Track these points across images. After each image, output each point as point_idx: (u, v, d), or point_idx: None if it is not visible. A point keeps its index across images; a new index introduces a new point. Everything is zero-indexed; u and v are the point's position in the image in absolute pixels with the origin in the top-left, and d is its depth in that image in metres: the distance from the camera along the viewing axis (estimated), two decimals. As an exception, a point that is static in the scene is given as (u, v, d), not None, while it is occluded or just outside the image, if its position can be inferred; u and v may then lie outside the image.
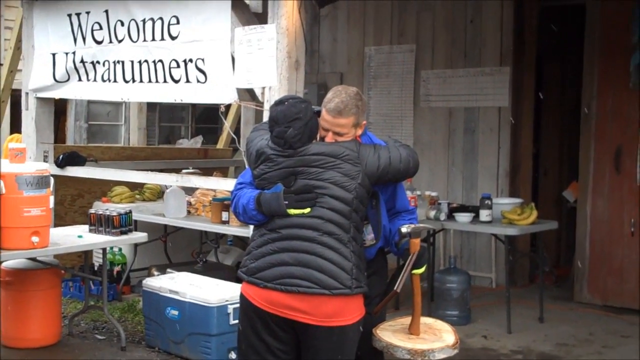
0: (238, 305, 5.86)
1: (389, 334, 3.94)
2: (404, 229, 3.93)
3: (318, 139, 3.92)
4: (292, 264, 3.65)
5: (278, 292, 3.65)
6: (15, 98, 9.38)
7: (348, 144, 3.79)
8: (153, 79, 7.02)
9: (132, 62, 7.16)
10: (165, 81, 6.92)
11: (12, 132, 11.29)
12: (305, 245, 3.66)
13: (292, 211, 3.72)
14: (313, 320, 3.64)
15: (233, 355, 5.93)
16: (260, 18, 6.45)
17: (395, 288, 3.87)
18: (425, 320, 4.10)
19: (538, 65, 9.09)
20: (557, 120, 9.77)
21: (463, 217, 7.30)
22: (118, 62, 7.29)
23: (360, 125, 3.95)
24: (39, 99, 8.03)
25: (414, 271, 3.91)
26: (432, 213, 7.38)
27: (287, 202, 3.73)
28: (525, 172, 8.94)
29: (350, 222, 3.69)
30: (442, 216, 7.35)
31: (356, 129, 3.94)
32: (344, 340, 3.71)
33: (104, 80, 7.43)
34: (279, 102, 3.88)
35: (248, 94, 6.58)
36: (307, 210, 3.70)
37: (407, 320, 4.06)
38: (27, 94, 8.13)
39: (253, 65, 6.27)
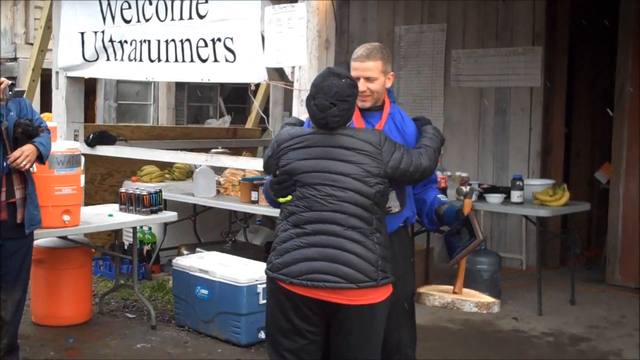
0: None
1: (441, 293, 4.07)
2: (464, 189, 4.24)
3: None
4: (318, 259, 3.61)
5: (304, 288, 3.62)
6: (46, 77, 9.41)
7: (374, 138, 3.71)
8: (180, 58, 7.00)
9: (159, 41, 7.15)
10: (192, 60, 6.90)
11: (42, 112, 11.35)
12: (331, 240, 3.62)
13: (280, 199, 3.77)
14: (343, 299, 3.62)
15: (262, 334, 5.93)
16: (291, -3, 6.42)
17: (480, 237, 3.98)
18: (449, 287, 4.20)
19: (571, 45, 8.97)
20: (590, 101, 9.65)
21: (494, 198, 7.24)
22: (144, 41, 7.28)
23: (388, 75, 4.02)
24: (69, 78, 8.05)
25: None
26: (464, 188, 7.29)
27: (273, 192, 3.80)
28: (557, 153, 8.85)
29: (373, 215, 3.66)
30: (473, 197, 7.27)
31: (385, 77, 4.00)
32: (374, 318, 3.70)
33: (130, 60, 7.43)
34: (336, 74, 3.77)
35: (277, 73, 6.55)
36: (289, 198, 3.72)
37: (442, 287, 4.21)
38: (57, 73, 8.16)
39: (283, 44, 6.24)
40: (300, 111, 6.26)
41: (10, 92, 4.63)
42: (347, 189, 3.62)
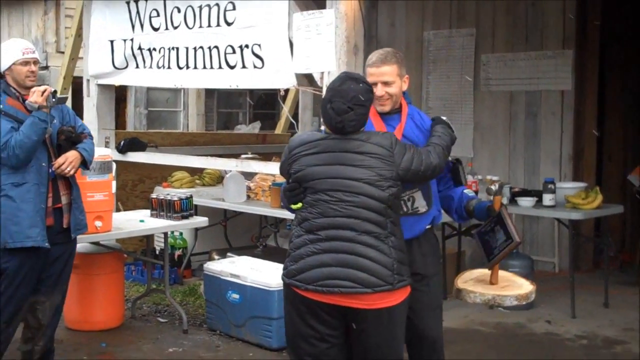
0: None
1: (480, 287, 4.08)
2: (493, 188, 4.31)
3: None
4: (332, 265, 3.60)
5: (320, 294, 3.62)
6: (77, 85, 9.50)
7: (385, 141, 3.71)
8: (208, 65, 7.04)
9: (187, 48, 7.20)
10: (220, 67, 6.94)
11: (74, 119, 11.45)
12: (345, 246, 3.61)
13: (292, 206, 3.81)
14: (360, 304, 3.61)
15: (294, 339, 5.94)
16: (319, 3, 6.43)
17: (516, 239, 4.04)
18: (483, 271, 4.26)
19: (601, 47, 8.90)
20: (621, 104, 9.56)
21: (526, 202, 7.20)
22: (173, 48, 7.33)
23: (403, 78, 4.09)
24: (99, 85, 8.12)
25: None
26: (492, 187, 7.27)
27: (285, 199, 3.86)
28: (589, 156, 8.77)
29: (387, 219, 3.65)
30: (505, 200, 7.25)
31: (401, 80, 4.07)
32: (392, 321, 3.70)
33: (158, 67, 7.49)
34: (353, 79, 3.78)
35: (306, 79, 6.56)
36: (299, 205, 3.76)
37: (475, 273, 4.28)
38: (88, 80, 8.24)
39: (311, 50, 6.25)
40: (329, 116, 6.26)
41: (54, 99, 4.70)
42: (360, 193, 3.62)
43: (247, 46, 6.68)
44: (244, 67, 6.75)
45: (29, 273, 4.69)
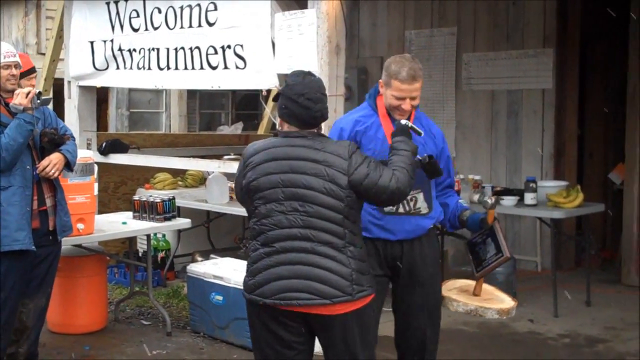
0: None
1: (464, 297, 4.17)
2: (489, 201, 4.27)
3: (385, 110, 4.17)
4: (289, 277, 3.55)
5: (279, 307, 3.58)
6: (58, 87, 9.45)
7: (341, 150, 3.64)
8: (189, 66, 7.02)
9: (168, 49, 7.17)
10: (202, 68, 6.92)
11: (55, 121, 11.39)
12: (301, 257, 3.56)
13: None
14: (322, 311, 3.57)
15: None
16: (300, 3, 6.42)
17: (506, 254, 4.12)
18: (468, 282, 4.34)
19: (582, 45, 8.94)
20: (602, 101, 9.61)
21: (507, 201, 7.22)
22: (153, 49, 7.30)
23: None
24: (80, 87, 8.09)
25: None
26: (476, 197, 7.30)
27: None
28: (570, 155, 8.82)
29: (345, 229, 3.59)
30: (489, 195, 7.26)
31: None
32: (360, 320, 3.66)
33: (139, 68, 7.46)
34: (309, 73, 3.77)
35: (289, 79, 6.55)
36: None
37: (459, 283, 4.36)
38: (69, 82, 8.20)
39: (294, 50, 6.25)
40: (312, 116, 6.26)
41: (38, 101, 4.68)
42: (315, 203, 3.55)
43: (229, 47, 6.67)
44: (226, 67, 6.74)
45: (18, 276, 4.67)
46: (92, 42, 7.85)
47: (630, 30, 8.02)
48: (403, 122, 4.01)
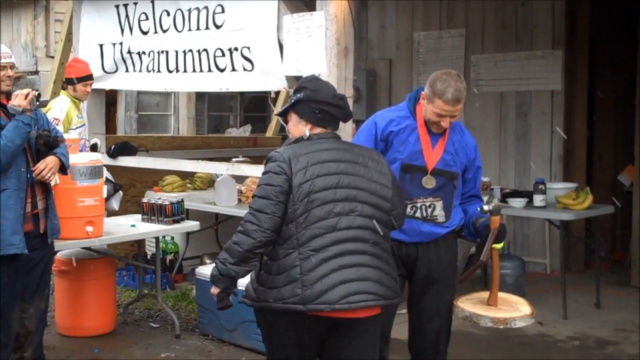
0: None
1: (470, 305, 4.16)
2: (485, 207, 4.25)
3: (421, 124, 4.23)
4: (354, 280, 3.49)
5: (345, 312, 3.50)
6: (67, 90, 9.47)
7: (377, 156, 3.78)
8: (197, 68, 7.03)
9: (177, 52, 7.19)
10: (210, 70, 6.93)
11: (64, 124, 11.42)
12: (359, 259, 3.53)
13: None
14: (366, 313, 3.59)
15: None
16: (308, 5, 6.43)
17: (481, 258, 4.12)
18: (500, 294, 4.30)
19: (591, 47, 8.92)
20: (612, 103, 9.58)
21: (516, 203, 7.20)
22: (162, 52, 7.32)
23: None
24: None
25: (494, 245, 4.18)
26: (485, 199, 7.29)
27: None
28: (579, 156, 8.79)
29: (389, 231, 3.67)
30: (495, 201, 7.25)
31: None
32: (377, 325, 3.73)
33: (148, 71, 7.47)
34: (319, 77, 3.95)
35: (297, 81, 6.55)
36: None
37: (482, 294, 4.33)
38: (78, 85, 8.19)
39: (302, 52, 6.25)
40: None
41: (37, 103, 4.66)
42: (368, 204, 3.59)
43: (236, 49, 6.67)
44: (233, 70, 6.75)
45: (13, 280, 4.64)
46: (101, 45, 7.87)
47: (639, 31, 7.99)
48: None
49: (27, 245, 4.61)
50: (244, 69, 6.66)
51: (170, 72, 7.26)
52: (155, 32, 7.37)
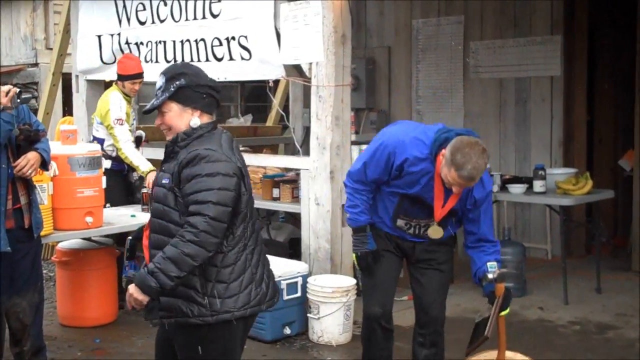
0: (291, 280, 5.95)
1: None
2: (490, 275, 4.18)
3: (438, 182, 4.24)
4: (268, 278, 3.52)
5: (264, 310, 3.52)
6: (67, 82, 9.48)
7: None
8: (195, 58, 7.04)
9: (174, 42, 7.19)
10: (207, 59, 6.93)
11: (64, 115, 11.44)
12: (265, 257, 3.57)
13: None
14: None
15: (287, 330, 5.96)
16: (306, -7, 6.41)
17: (485, 333, 4.13)
18: (507, 354, 4.38)
19: (590, 32, 8.90)
20: (611, 88, 9.57)
21: (516, 189, 7.20)
22: (160, 42, 7.32)
23: None
24: (88, 81, 8.11)
25: (501, 313, 4.23)
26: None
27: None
28: (579, 142, 8.78)
29: None
30: (495, 188, 7.25)
31: None
32: None
33: (146, 61, 7.47)
34: (189, 64, 3.82)
35: (295, 70, 6.57)
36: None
37: (488, 355, 4.38)
38: (77, 76, 8.23)
39: (299, 41, 6.25)
40: (318, 107, 6.26)
41: (18, 100, 4.60)
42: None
43: (233, 38, 6.68)
44: (231, 59, 6.75)
45: None
46: (99, 36, 7.87)
47: (639, 16, 7.97)
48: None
49: (13, 238, 4.55)
50: (242, 58, 6.66)
51: (168, 62, 7.27)
52: (153, 22, 7.37)
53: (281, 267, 6.05)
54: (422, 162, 4.19)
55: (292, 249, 7.60)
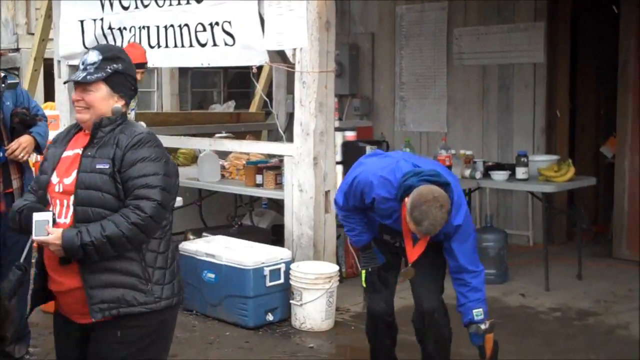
0: (274, 267, 5.95)
1: None
2: (482, 327, 4.27)
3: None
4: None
5: None
6: (48, 67, 9.41)
7: None
8: (179, 43, 7.00)
9: (158, 27, 7.15)
10: (191, 45, 6.90)
11: (46, 101, 11.37)
12: None
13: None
14: None
15: (270, 317, 5.97)
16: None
17: None
18: None
19: (573, 19, 8.92)
20: (594, 75, 9.60)
21: (499, 175, 7.22)
22: (143, 27, 7.27)
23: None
24: (71, 66, 8.05)
25: None
26: (468, 172, 7.32)
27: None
28: (561, 129, 8.81)
29: None
30: (478, 175, 7.28)
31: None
32: None
33: None
34: (124, 50, 3.56)
35: (279, 56, 6.54)
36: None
37: None
38: (58, 62, 8.16)
39: (283, 26, 6.23)
40: (302, 93, 6.25)
41: (3, 85, 4.57)
42: None
43: (217, 23, 6.64)
44: (214, 44, 6.72)
45: None
46: (82, 21, 7.81)
47: (621, 4, 7.99)
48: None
49: (3, 224, 4.54)
50: (225, 44, 6.63)
51: (151, 47, 7.22)
52: (136, 7, 7.32)
53: (264, 254, 6.06)
54: (389, 202, 4.25)
55: (275, 236, 7.60)
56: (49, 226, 3.08)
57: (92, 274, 3.11)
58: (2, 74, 4.60)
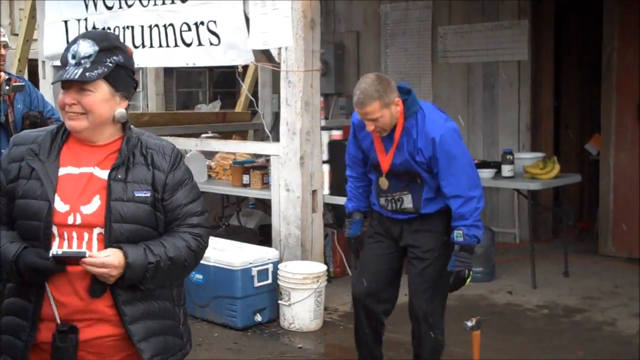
0: (262, 267, 5.95)
1: None
2: (469, 323, 4.30)
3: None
4: None
5: None
6: (33, 68, 9.36)
7: None
8: (164, 43, 6.98)
9: (142, 27, 7.12)
10: (176, 45, 6.88)
11: (30, 102, 11.28)
12: None
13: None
14: None
15: (258, 317, 5.97)
16: (275, -22, 6.38)
17: None
18: None
19: (557, 17, 8.95)
20: (578, 73, 9.64)
21: (485, 173, 7.22)
22: (128, 27, 7.25)
23: (391, 105, 4.10)
24: (55, 67, 8.01)
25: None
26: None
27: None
28: (546, 126, 8.85)
29: None
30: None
31: (389, 108, 4.10)
32: None
33: None
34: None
35: (264, 55, 6.53)
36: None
37: None
38: (43, 62, 8.13)
39: (268, 25, 6.22)
40: (288, 93, 6.25)
41: (7, 87, 4.57)
42: None
43: (202, 23, 6.63)
44: (200, 44, 6.70)
45: None
46: (66, 22, 7.78)
47: (605, 3, 8.02)
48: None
49: None
50: (211, 44, 6.62)
51: (136, 47, 7.19)
52: (120, 7, 7.30)
53: (252, 254, 6.06)
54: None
55: (263, 236, 7.60)
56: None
57: (134, 320, 2.56)
58: (7, 77, 4.59)
